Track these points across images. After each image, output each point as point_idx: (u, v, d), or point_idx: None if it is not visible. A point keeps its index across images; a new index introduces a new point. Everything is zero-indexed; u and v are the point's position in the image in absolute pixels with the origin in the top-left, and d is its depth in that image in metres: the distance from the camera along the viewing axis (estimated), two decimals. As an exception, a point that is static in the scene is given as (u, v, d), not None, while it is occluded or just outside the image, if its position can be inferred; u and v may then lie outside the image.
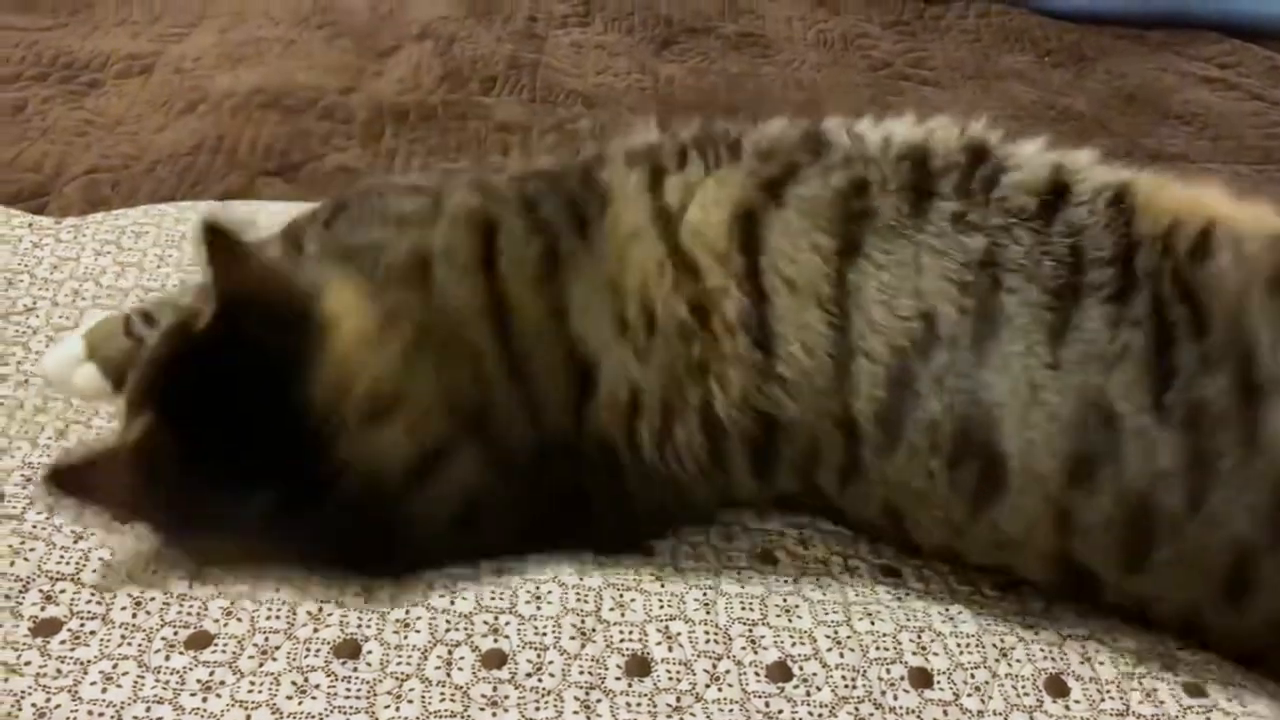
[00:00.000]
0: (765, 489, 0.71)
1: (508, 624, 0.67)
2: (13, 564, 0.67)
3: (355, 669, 0.63)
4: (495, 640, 0.66)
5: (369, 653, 0.64)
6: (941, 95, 1.45)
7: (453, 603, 0.68)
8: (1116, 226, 0.66)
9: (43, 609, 0.65)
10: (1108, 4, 1.72)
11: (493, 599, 0.68)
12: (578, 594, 0.69)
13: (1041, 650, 0.68)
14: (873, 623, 0.69)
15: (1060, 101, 1.46)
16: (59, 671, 0.61)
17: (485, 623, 0.67)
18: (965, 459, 0.64)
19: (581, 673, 0.64)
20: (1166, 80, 1.55)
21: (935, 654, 0.67)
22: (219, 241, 0.63)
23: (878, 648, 0.67)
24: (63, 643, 0.63)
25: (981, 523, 0.66)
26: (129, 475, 0.63)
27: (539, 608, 0.68)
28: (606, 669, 0.65)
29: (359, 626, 0.66)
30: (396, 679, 0.63)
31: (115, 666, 0.62)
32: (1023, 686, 0.66)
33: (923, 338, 0.64)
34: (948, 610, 0.71)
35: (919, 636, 0.68)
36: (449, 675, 0.64)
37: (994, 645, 0.68)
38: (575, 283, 0.68)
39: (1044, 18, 1.69)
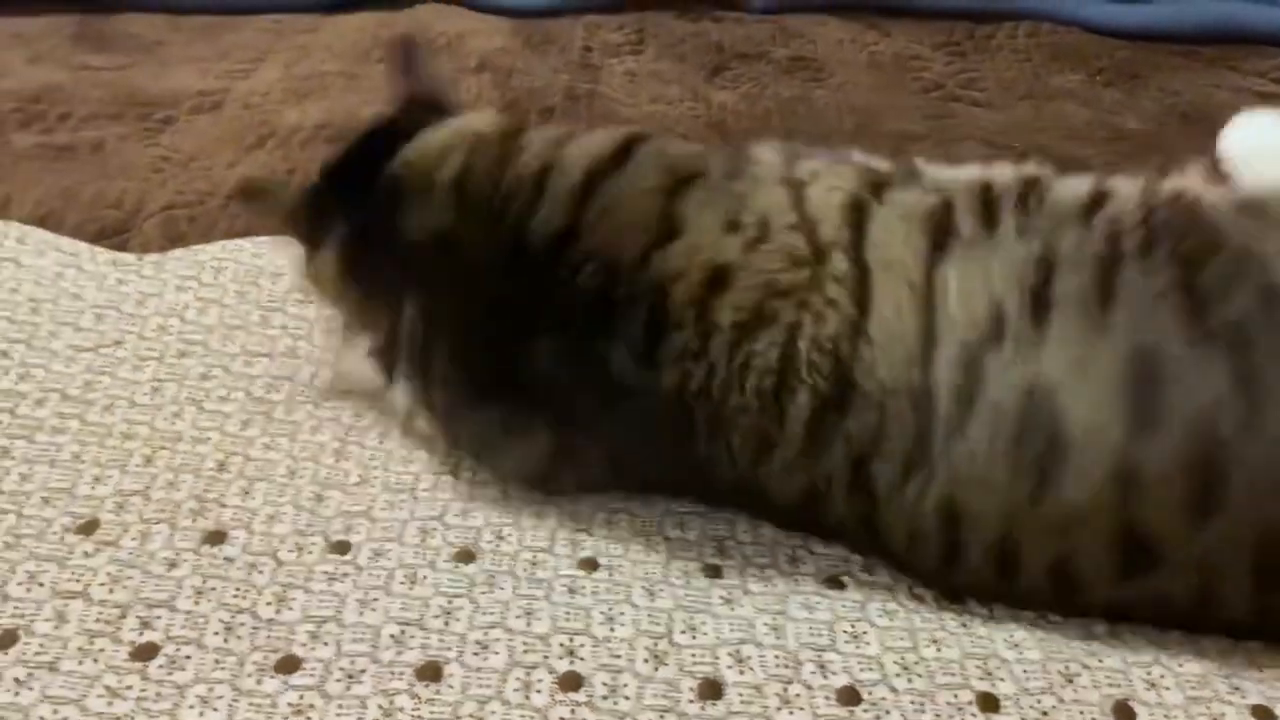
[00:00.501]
0: (808, 465, 0.72)
1: (582, 646, 0.69)
2: (111, 591, 0.70)
3: (438, 691, 0.66)
4: (571, 663, 0.68)
5: (450, 675, 0.67)
6: (993, 116, 1.46)
7: (529, 625, 0.70)
8: (1145, 200, 0.73)
9: (140, 634, 0.68)
10: (1160, 19, 1.72)
11: (567, 621, 0.71)
12: (650, 616, 0.71)
13: (1106, 676, 0.69)
14: (939, 649, 0.70)
15: (1113, 121, 1.47)
16: (158, 695, 0.64)
17: (561, 645, 0.69)
18: (1028, 433, 0.68)
19: (656, 696, 0.66)
20: (1221, 96, 1.55)
21: (1001, 680, 0.68)
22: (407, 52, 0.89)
23: (945, 673, 0.69)
24: (160, 667, 0.66)
25: (1045, 501, 0.68)
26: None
27: (612, 630, 0.70)
28: (680, 692, 0.67)
29: (440, 649, 0.68)
30: (478, 701, 0.65)
31: (211, 690, 0.65)
32: (1089, 713, 0.67)
33: (991, 329, 0.69)
34: (1012, 636, 0.72)
35: (985, 662, 0.69)
36: (528, 698, 0.66)
37: (1059, 671, 0.69)
38: (703, 190, 0.76)
39: (1095, 36, 1.69)
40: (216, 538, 0.75)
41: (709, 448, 0.75)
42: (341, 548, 0.75)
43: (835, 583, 0.75)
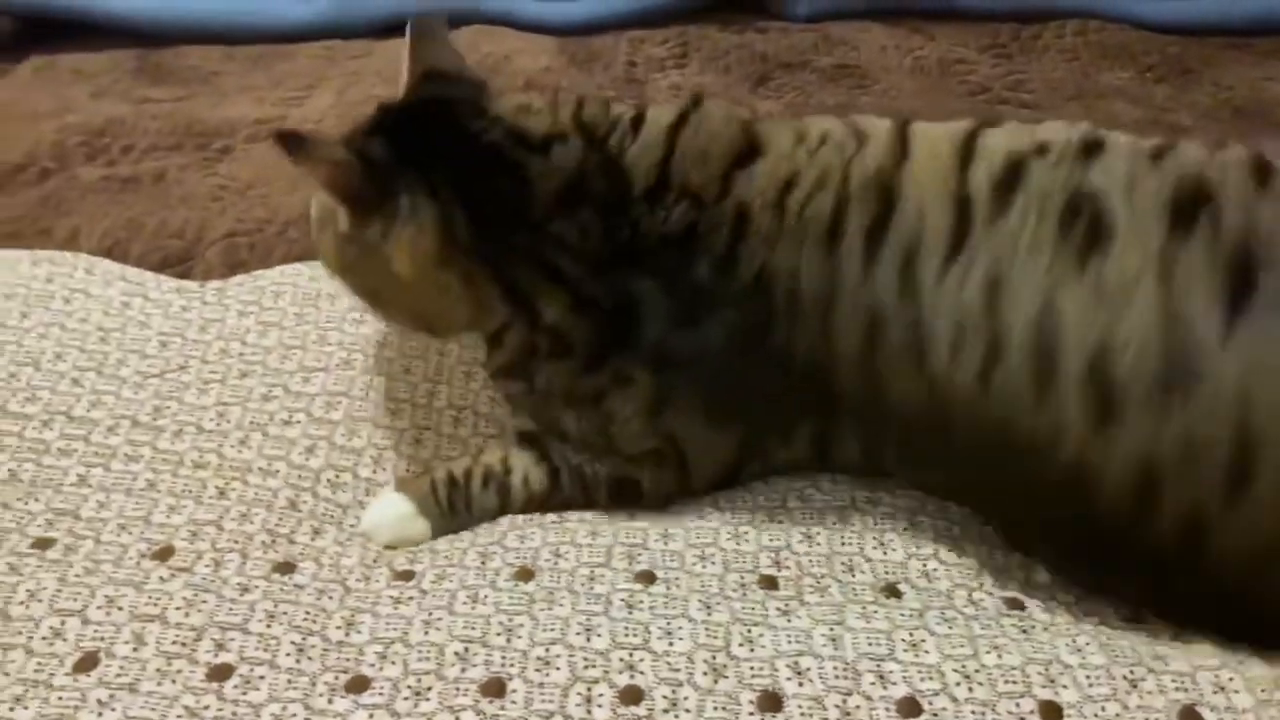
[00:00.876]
0: (864, 290, 0.77)
1: (642, 660, 0.70)
2: (187, 614, 0.73)
3: (502, 707, 0.67)
4: (631, 677, 0.69)
5: (514, 690, 0.68)
6: (1042, 118, 1.43)
7: (589, 640, 0.71)
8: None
9: (216, 655, 0.70)
10: (1210, 12, 1.69)
11: (626, 636, 0.72)
12: (707, 629, 0.72)
13: (1173, 681, 0.68)
14: (1000, 656, 0.70)
15: (1165, 118, 1.45)
16: (234, 715, 0.66)
17: (621, 659, 0.70)
18: (1076, 216, 0.73)
19: (716, 709, 0.67)
20: (1274, 89, 1.52)
21: (1064, 686, 0.68)
22: (423, 29, 0.88)
23: (1006, 681, 0.69)
24: (235, 687, 0.68)
25: (1088, 273, 0.72)
26: None
27: (671, 644, 0.71)
28: (740, 704, 0.67)
29: (503, 665, 0.69)
30: (541, 716, 0.66)
31: (284, 710, 0.67)
32: (1155, 719, 0.66)
33: (1035, 149, 0.77)
34: (1075, 642, 0.71)
35: (1047, 669, 0.69)
36: (590, 713, 0.67)
37: (1124, 677, 0.69)
38: (772, 120, 0.87)
39: (1144, 31, 1.67)
40: (286, 568, 0.77)
41: (787, 330, 0.79)
42: (406, 575, 0.77)
43: (892, 591, 0.76)
